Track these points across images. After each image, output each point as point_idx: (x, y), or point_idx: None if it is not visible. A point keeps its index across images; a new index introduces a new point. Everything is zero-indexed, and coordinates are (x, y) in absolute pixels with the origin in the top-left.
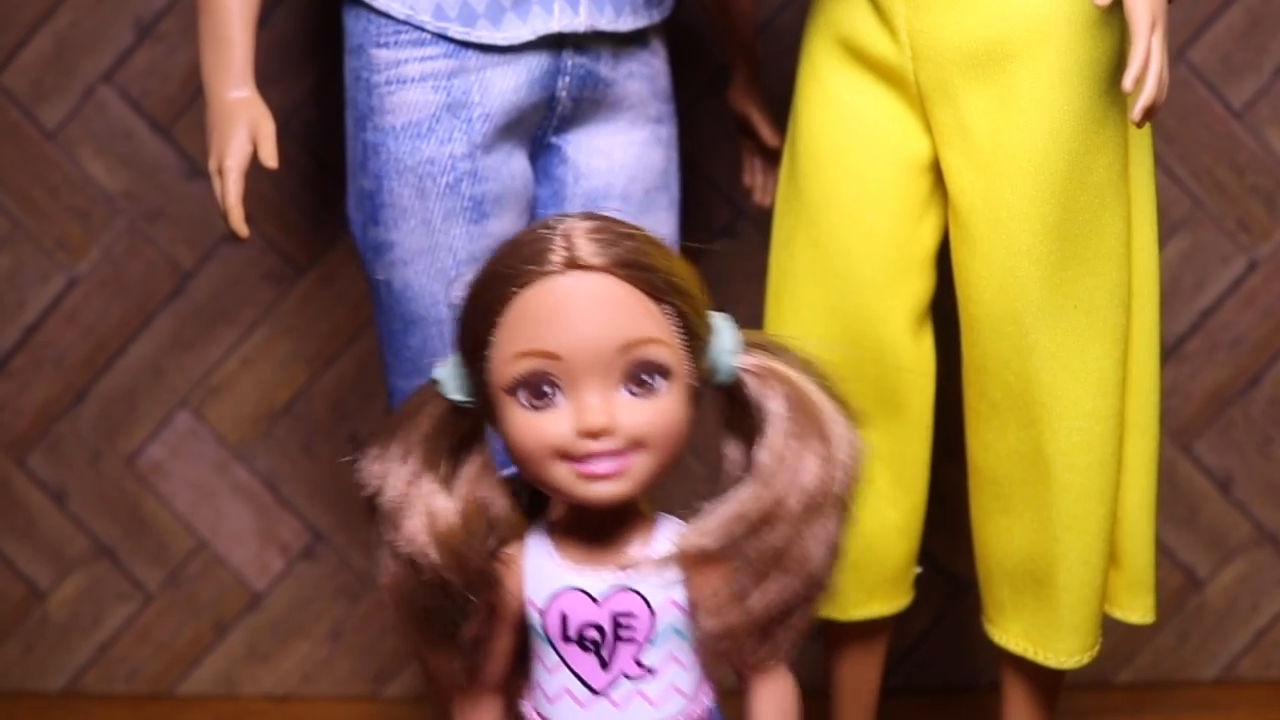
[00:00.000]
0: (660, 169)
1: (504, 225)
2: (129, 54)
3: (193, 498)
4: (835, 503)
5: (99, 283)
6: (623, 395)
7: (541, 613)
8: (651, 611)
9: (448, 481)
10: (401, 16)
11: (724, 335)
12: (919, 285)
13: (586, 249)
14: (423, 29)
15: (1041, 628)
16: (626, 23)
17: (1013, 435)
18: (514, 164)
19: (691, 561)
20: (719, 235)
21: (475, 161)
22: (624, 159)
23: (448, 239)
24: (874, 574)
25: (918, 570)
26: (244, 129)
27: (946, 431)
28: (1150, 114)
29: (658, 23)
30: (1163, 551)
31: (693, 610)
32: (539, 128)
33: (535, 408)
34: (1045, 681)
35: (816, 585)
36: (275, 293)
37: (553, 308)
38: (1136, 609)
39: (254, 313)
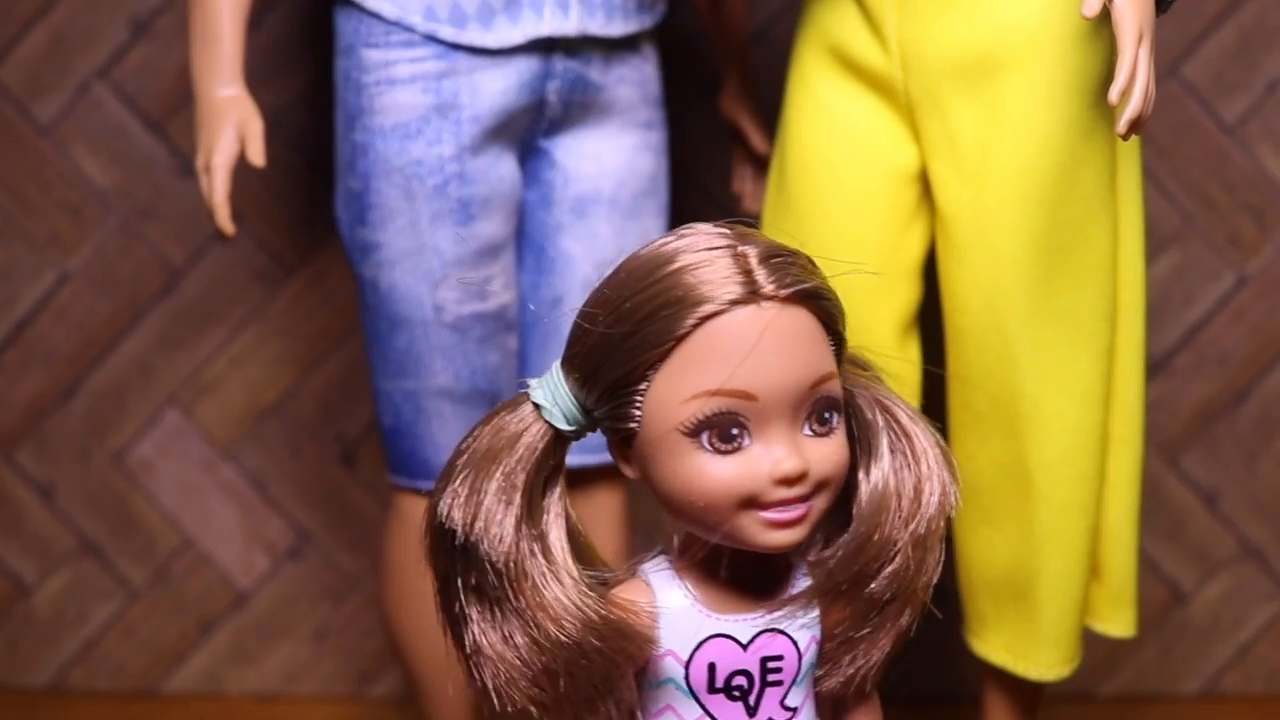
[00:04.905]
0: (649, 174)
1: (491, 228)
2: (124, 51)
3: (179, 496)
4: (943, 526)
5: (89, 279)
6: (805, 435)
7: (685, 664)
8: (799, 652)
9: (544, 523)
10: (392, 17)
11: None
12: (905, 294)
13: (770, 277)
14: (413, 30)
15: (1022, 640)
16: (617, 28)
17: (995, 446)
18: (502, 167)
19: (825, 596)
20: None
21: (463, 163)
22: (613, 164)
23: (434, 240)
24: None
25: None
26: (232, 127)
27: None
28: (1136, 127)
29: (649, 28)
30: (1148, 565)
31: (823, 645)
32: (528, 131)
33: (720, 452)
34: (1026, 693)
35: (919, 613)
36: (265, 292)
37: (747, 344)
38: (1118, 622)
39: (243, 312)
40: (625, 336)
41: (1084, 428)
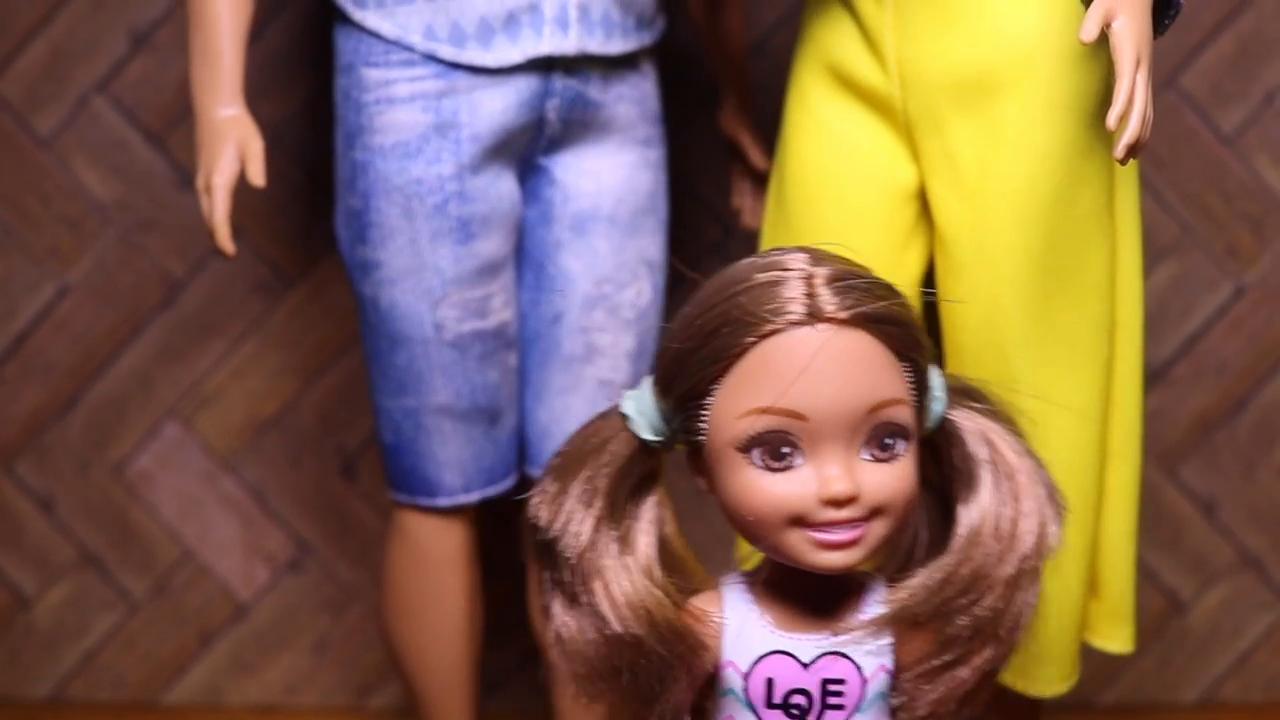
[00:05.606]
0: (648, 191)
1: (491, 246)
2: (123, 64)
3: (180, 508)
4: (1038, 567)
5: (89, 292)
6: (863, 459)
7: (744, 676)
8: (863, 679)
9: (629, 526)
10: (392, 36)
11: (935, 382)
12: None
13: (832, 299)
14: (412, 49)
15: (1020, 656)
16: (616, 46)
17: None
18: (502, 185)
19: (903, 626)
20: (708, 254)
21: (463, 182)
22: (612, 181)
23: (434, 259)
24: None
25: None
26: (232, 147)
27: None
28: (1134, 152)
29: (648, 46)
30: (1146, 574)
31: (898, 675)
32: (527, 149)
33: (771, 469)
34: (1024, 707)
35: (1013, 650)
36: (264, 304)
37: (799, 364)
38: (1116, 638)
39: (243, 324)
40: (693, 351)
41: (1082, 445)
